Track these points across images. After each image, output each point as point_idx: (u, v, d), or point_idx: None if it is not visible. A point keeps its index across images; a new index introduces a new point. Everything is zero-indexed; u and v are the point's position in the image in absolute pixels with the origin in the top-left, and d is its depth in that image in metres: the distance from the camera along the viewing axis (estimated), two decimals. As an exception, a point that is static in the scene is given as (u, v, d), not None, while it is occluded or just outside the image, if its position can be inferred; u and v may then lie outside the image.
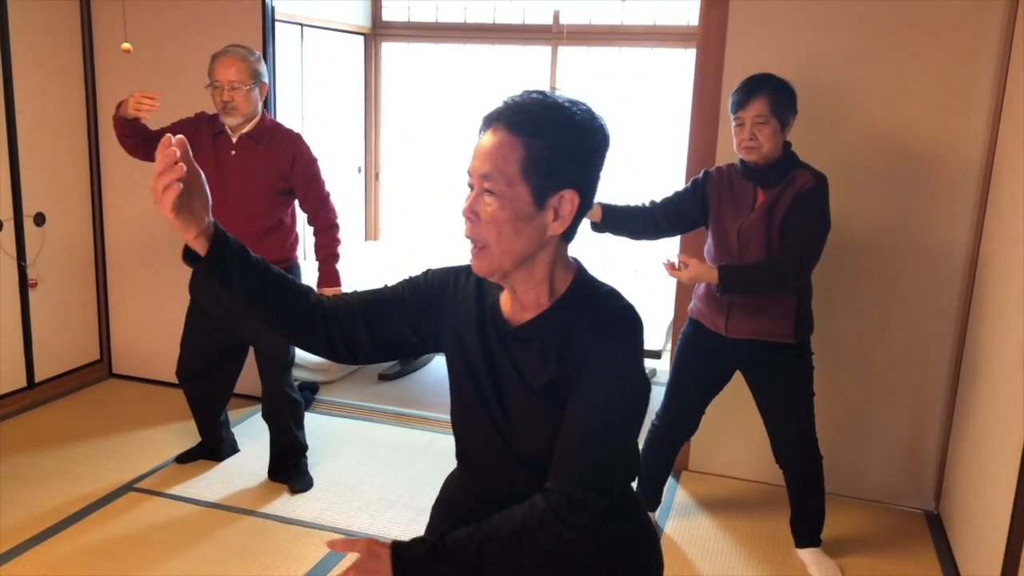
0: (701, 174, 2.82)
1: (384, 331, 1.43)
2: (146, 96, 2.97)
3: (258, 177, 3.11)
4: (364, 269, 5.31)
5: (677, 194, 2.84)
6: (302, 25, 5.14)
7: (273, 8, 3.88)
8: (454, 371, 1.42)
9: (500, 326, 1.35)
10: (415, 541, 1.26)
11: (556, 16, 5.34)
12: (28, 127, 3.87)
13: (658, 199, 2.85)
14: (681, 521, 3.23)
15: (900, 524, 3.25)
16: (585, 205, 1.29)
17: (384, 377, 4.60)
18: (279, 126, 3.20)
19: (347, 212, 5.86)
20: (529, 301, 1.33)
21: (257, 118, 3.13)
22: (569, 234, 1.32)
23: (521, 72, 5.48)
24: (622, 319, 1.30)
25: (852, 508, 3.35)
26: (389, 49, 5.82)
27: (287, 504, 3.23)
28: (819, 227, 2.62)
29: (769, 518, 3.19)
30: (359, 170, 5.90)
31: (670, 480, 3.52)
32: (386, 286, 1.47)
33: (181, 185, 1.20)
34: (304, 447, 3.43)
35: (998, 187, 2.90)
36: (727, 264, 2.63)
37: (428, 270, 1.47)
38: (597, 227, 2.79)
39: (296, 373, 4.47)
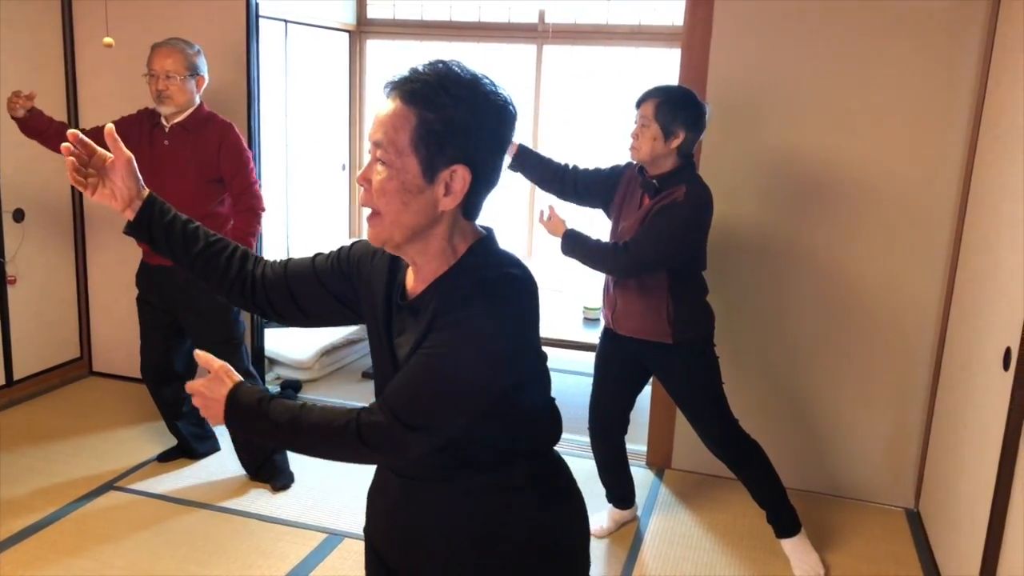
0: (624, 164, 2.87)
1: (309, 300, 1.48)
2: (15, 95, 3.13)
3: (188, 166, 3.15)
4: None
5: (596, 170, 2.91)
6: (286, 22, 5.10)
7: (257, 5, 3.85)
8: (371, 344, 1.43)
9: (399, 301, 1.36)
10: (255, 389, 1.33)
11: (541, 15, 5.33)
12: (8, 122, 3.81)
13: (580, 166, 2.93)
14: (664, 519, 3.24)
15: (880, 522, 3.27)
16: (481, 183, 1.27)
17: (367, 375, 4.59)
18: (213, 117, 3.23)
19: (331, 209, 5.84)
20: (428, 274, 1.32)
21: (192, 109, 3.18)
22: (469, 210, 1.29)
23: (506, 71, 5.47)
24: (501, 283, 1.28)
25: (832, 506, 3.37)
26: (374, 47, 5.80)
27: (269, 503, 3.22)
28: (666, 238, 2.60)
29: (752, 516, 3.21)
30: (343, 167, 5.88)
31: (652, 478, 3.54)
32: (317, 254, 1.50)
33: (73, 172, 1.38)
34: None
35: (978, 189, 2.93)
36: (575, 229, 2.74)
37: (356, 241, 1.49)
38: (511, 165, 2.92)
39: (278, 371, 4.47)
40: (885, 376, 3.29)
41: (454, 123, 1.21)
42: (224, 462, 3.51)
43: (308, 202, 5.50)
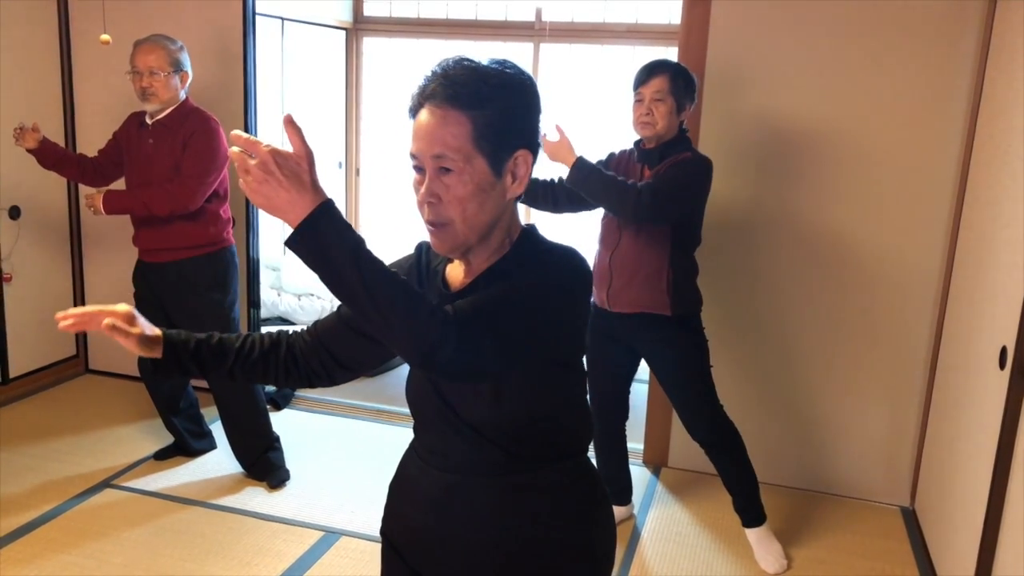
0: (606, 155, 2.89)
1: (350, 352, 1.46)
2: (20, 129, 3.19)
3: (169, 162, 3.13)
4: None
5: None
6: (283, 19, 5.10)
7: (253, 2, 3.85)
8: None
9: (443, 293, 1.35)
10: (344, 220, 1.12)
11: (538, 13, 5.33)
12: (3, 119, 3.82)
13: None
14: (661, 517, 3.24)
15: (876, 520, 3.28)
16: (534, 161, 1.30)
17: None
18: (196, 112, 3.19)
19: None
20: (479, 265, 1.32)
21: (175, 105, 3.16)
22: (521, 194, 1.33)
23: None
24: (565, 255, 1.30)
25: (828, 504, 3.38)
26: (370, 44, 5.79)
27: (266, 500, 3.21)
28: (682, 186, 2.62)
29: (747, 514, 3.22)
30: (339, 165, 5.88)
31: (649, 476, 3.54)
32: (342, 304, 1.45)
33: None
34: (271, 437, 3.40)
35: (974, 188, 2.93)
36: (585, 158, 2.64)
37: None
38: None
39: (275, 369, 4.46)
40: (881, 374, 3.30)
41: (507, 112, 1.24)
42: (220, 460, 3.51)
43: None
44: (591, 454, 1.50)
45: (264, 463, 3.35)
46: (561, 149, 2.65)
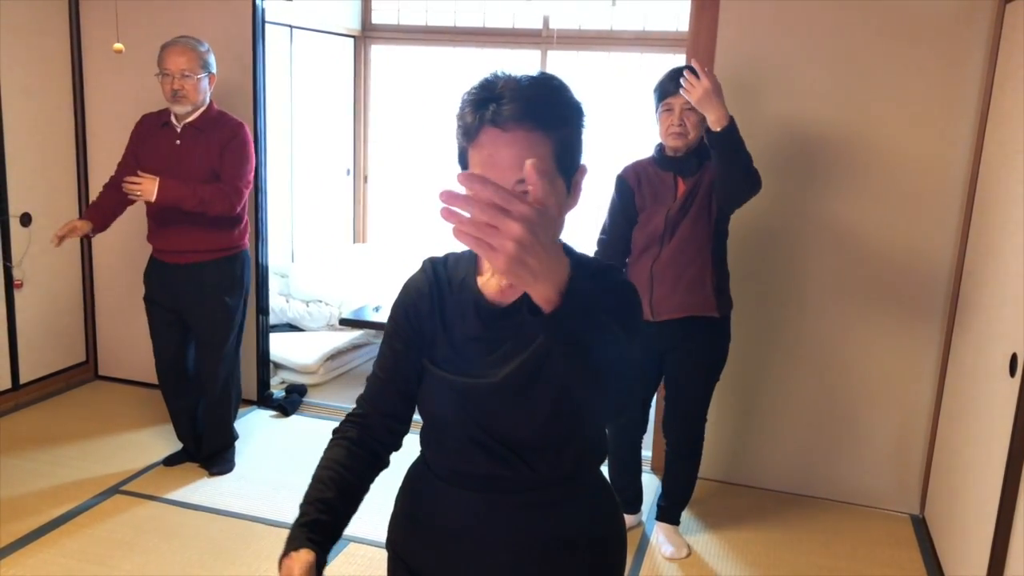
0: (616, 181, 2.88)
1: (408, 406, 1.41)
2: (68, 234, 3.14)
3: (198, 165, 3.15)
4: (352, 271, 5.29)
5: (611, 218, 2.88)
6: (292, 27, 5.13)
7: (263, 10, 3.87)
8: (437, 374, 1.35)
9: (487, 307, 1.28)
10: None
11: (546, 20, 5.35)
12: (15, 126, 3.84)
13: (597, 239, 2.93)
14: (669, 525, 3.23)
15: (886, 528, 3.27)
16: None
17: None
18: (224, 115, 3.23)
19: (335, 215, 5.85)
20: None
21: (203, 108, 3.19)
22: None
23: (511, 76, 5.47)
24: (617, 276, 1.30)
25: (838, 512, 3.36)
26: (378, 52, 5.81)
27: (273, 506, 3.22)
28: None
29: (755, 520, 3.20)
30: (348, 172, 5.89)
31: (658, 484, 3.53)
32: (380, 364, 1.40)
33: None
34: (232, 438, 3.50)
35: (983, 194, 2.93)
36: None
37: (392, 313, 1.40)
38: None
39: (283, 376, 4.47)
40: (890, 381, 3.29)
41: (575, 130, 1.22)
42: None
43: (313, 207, 5.52)
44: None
45: (214, 455, 3.44)
46: (716, 99, 2.46)
